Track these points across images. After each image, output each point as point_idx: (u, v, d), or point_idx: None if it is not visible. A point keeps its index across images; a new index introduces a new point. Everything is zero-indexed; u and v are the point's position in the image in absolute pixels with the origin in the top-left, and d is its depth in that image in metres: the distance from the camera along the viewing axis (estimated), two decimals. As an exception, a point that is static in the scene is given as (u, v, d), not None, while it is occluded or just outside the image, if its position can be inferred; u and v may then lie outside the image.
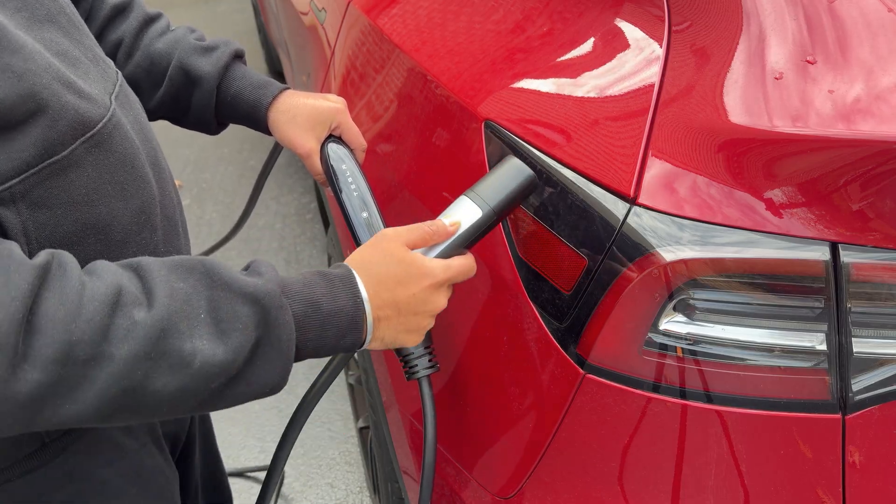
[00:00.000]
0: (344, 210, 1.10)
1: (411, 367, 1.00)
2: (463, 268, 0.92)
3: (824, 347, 0.86)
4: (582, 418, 0.95)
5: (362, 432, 2.18)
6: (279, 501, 2.19)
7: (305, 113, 1.14)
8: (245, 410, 2.40)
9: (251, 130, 1.23)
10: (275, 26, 3.12)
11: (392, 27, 1.40)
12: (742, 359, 0.87)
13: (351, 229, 1.08)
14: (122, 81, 0.93)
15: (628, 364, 0.91)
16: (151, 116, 1.21)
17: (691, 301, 0.87)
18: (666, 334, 0.88)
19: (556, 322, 0.95)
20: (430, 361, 1.00)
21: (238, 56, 1.19)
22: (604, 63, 1.00)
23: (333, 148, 1.15)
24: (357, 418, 2.26)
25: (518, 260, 1.00)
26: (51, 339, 0.66)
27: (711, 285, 0.86)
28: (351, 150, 1.16)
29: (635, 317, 0.89)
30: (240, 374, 0.75)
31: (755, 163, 0.84)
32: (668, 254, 0.85)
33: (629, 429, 0.93)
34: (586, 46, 1.05)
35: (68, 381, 0.68)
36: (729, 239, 0.84)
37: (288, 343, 0.77)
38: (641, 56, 0.97)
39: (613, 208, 0.89)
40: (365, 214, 1.08)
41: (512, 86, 1.07)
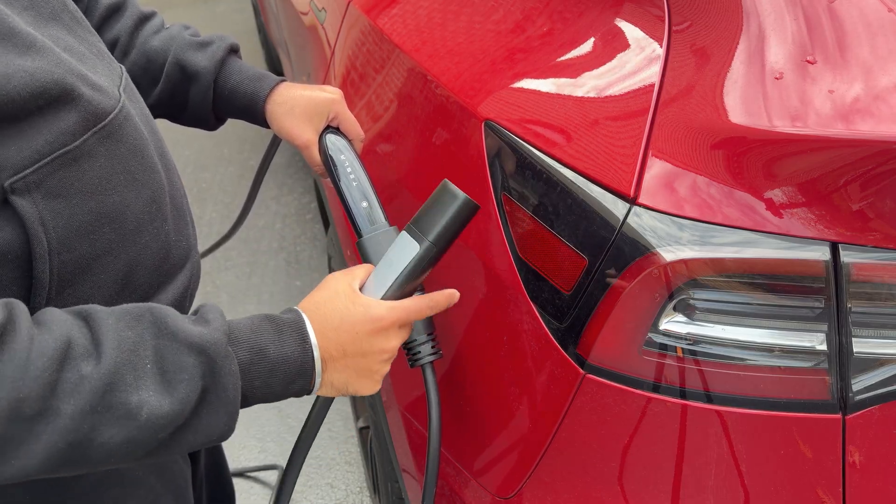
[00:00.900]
0: (344, 200, 1.10)
1: (414, 354, 1.00)
2: (411, 308, 0.91)
3: (824, 347, 0.86)
4: (582, 418, 0.95)
5: (362, 432, 2.18)
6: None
7: (303, 104, 1.14)
8: (245, 410, 2.38)
9: (252, 130, 1.23)
10: (275, 26, 3.12)
11: (392, 27, 1.40)
12: (742, 359, 0.87)
13: (351, 220, 1.09)
14: (126, 75, 0.94)
15: (628, 364, 0.91)
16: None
17: (691, 301, 0.87)
18: (666, 334, 0.88)
19: (556, 322, 0.95)
20: (434, 348, 1.00)
21: (233, 50, 1.19)
22: (604, 63, 1.00)
23: (332, 139, 1.15)
24: (357, 418, 2.25)
25: (518, 260, 1.00)
26: None
27: (711, 285, 0.86)
28: (349, 141, 1.16)
29: (635, 317, 0.89)
30: (187, 424, 0.76)
31: (755, 163, 0.84)
32: (669, 254, 0.85)
33: (629, 429, 0.93)
34: (586, 46, 1.05)
35: (15, 438, 0.68)
36: (729, 239, 0.84)
37: (234, 392, 0.78)
38: (641, 56, 0.97)
39: (613, 208, 0.89)
40: (365, 204, 1.08)
41: (512, 86, 1.07)
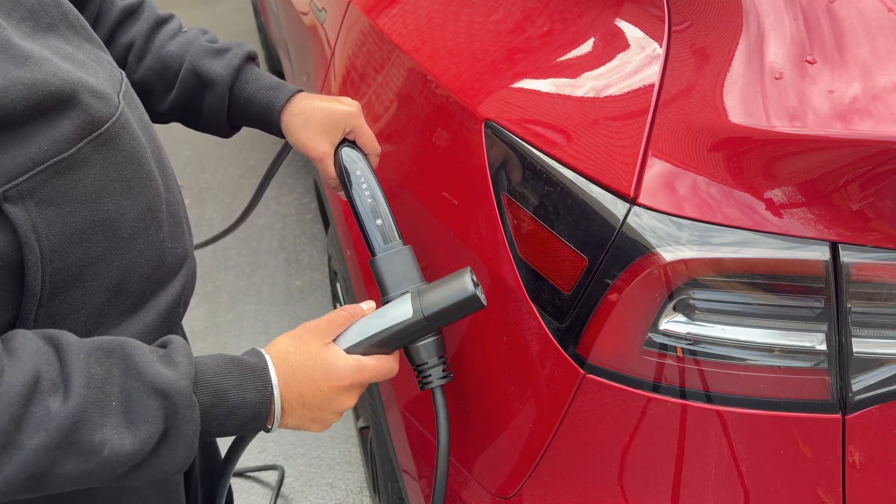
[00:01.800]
0: (357, 216, 1.09)
1: (425, 378, 1.00)
2: (379, 369, 0.93)
3: (824, 347, 0.86)
4: (582, 418, 0.95)
5: (362, 432, 2.18)
6: (279, 501, 2.19)
7: (320, 116, 1.13)
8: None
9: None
10: (275, 26, 3.12)
11: (392, 27, 1.40)
12: (742, 359, 0.87)
13: (364, 236, 1.07)
14: (127, 81, 0.93)
15: (628, 364, 0.91)
16: (164, 119, 1.21)
17: (691, 301, 0.87)
18: (666, 334, 0.88)
19: (556, 322, 0.95)
20: (444, 371, 1.00)
21: (251, 58, 1.18)
22: (604, 63, 1.00)
23: (347, 152, 1.13)
24: (357, 418, 2.25)
25: (518, 260, 1.00)
26: None
27: (711, 285, 0.86)
28: (365, 155, 1.15)
29: (635, 317, 0.89)
30: (144, 462, 0.77)
31: (755, 163, 0.84)
32: (668, 254, 0.85)
33: (629, 429, 0.93)
34: (586, 46, 1.05)
35: None
36: (729, 239, 0.84)
37: (193, 436, 0.79)
38: (641, 56, 0.97)
39: (613, 208, 0.89)
40: (379, 222, 1.07)
41: (512, 86, 1.07)
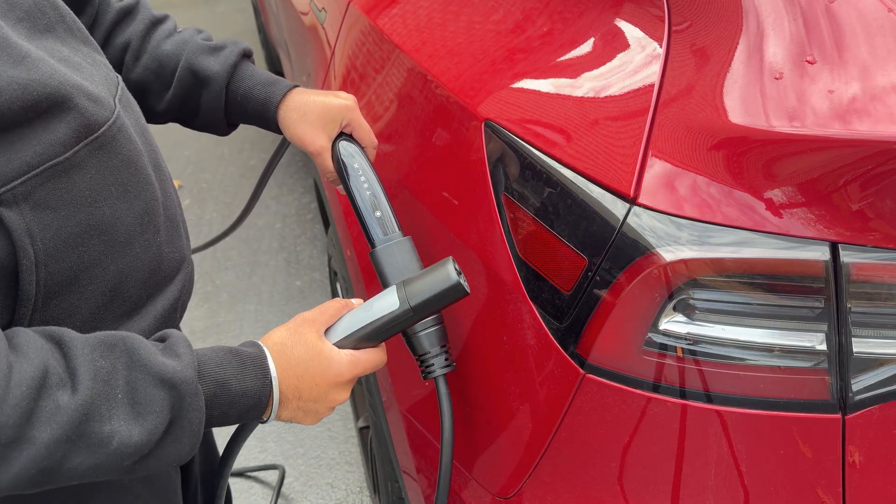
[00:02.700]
0: (356, 209, 1.09)
1: (427, 367, 1.00)
2: (371, 363, 0.95)
3: (824, 347, 0.86)
4: (582, 418, 0.95)
5: (362, 432, 2.18)
6: (279, 501, 2.19)
7: (316, 111, 1.14)
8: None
9: (252, 129, 1.23)
10: (275, 26, 3.12)
11: (392, 27, 1.40)
12: (742, 359, 0.87)
13: (364, 229, 1.08)
14: (123, 84, 0.93)
15: (628, 364, 0.91)
16: (161, 119, 1.21)
17: (691, 301, 0.87)
18: (666, 334, 0.88)
19: (556, 322, 0.95)
20: (447, 360, 1.00)
21: (246, 55, 1.18)
22: (604, 63, 1.00)
23: (345, 146, 1.14)
24: (357, 418, 2.25)
25: (518, 260, 1.00)
26: None
27: (711, 285, 0.86)
28: (362, 148, 1.15)
29: (635, 317, 0.89)
30: (151, 452, 0.78)
31: (755, 163, 0.84)
32: (668, 254, 0.85)
33: (629, 429, 0.93)
34: (586, 46, 1.05)
35: None
36: (729, 239, 0.84)
37: (198, 425, 0.80)
38: (641, 56, 0.97)
39: (613, 208, 0.89)
40: (378, 214, 1.08)
41: (512, 86, 1.07)
